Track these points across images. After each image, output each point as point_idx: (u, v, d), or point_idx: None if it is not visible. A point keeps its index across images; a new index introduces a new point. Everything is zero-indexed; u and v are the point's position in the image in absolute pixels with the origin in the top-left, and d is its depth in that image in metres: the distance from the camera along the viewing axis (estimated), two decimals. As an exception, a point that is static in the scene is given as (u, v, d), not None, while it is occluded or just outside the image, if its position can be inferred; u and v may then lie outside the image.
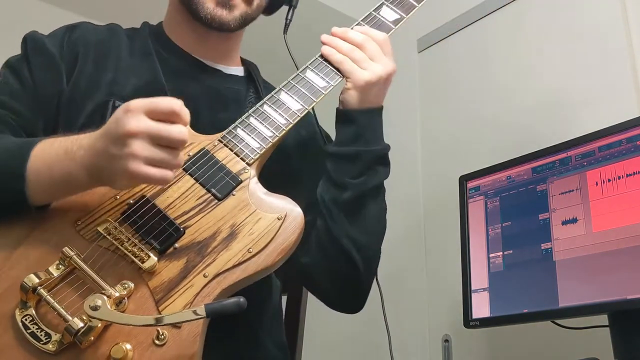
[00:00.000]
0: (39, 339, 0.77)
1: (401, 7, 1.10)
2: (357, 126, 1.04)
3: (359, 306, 1.11)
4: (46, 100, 1.03)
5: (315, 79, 1.02)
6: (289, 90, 1.01)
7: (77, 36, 1.10)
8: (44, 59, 1.05)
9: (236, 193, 0.91)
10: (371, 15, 1.08)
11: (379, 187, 1.07)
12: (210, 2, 1.08)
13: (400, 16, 1.09)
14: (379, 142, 1.06)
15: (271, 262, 0.86)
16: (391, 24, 1.08)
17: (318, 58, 1.05)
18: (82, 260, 0.82)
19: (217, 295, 0.83)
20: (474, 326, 1.44)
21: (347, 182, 1.03)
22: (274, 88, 1.19)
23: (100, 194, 0.88)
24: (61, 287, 0.81)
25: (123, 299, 0.80)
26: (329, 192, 1.04)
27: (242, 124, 0.97)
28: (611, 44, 1.69)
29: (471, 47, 2.10)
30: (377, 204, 1.07)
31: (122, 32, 1.15)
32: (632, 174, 1.26)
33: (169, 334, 0.79)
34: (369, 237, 1.06)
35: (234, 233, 0.87)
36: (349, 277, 1.05)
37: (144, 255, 0.83)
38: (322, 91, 1.01)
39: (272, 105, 0.99)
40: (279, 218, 0.89)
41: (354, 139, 1.04)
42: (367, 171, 1.04)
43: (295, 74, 1.02)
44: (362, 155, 1.04)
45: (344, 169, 1.04)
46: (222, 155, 0.94)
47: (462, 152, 2.00)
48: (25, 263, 0.83)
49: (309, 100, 1.00)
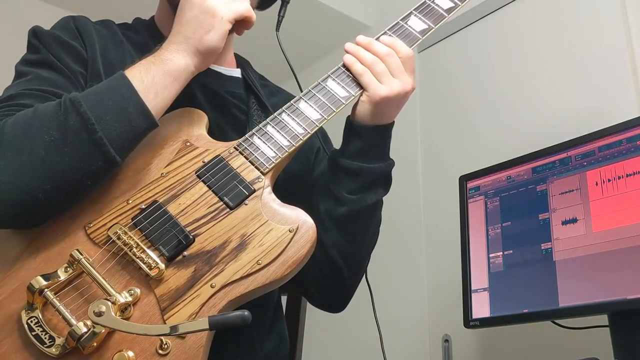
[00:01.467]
0: (42, 341, 0.77)
1: (430, 17, 1.05)
2: (364, 142, 1.02)
3: (341, 307, 1.11)
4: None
5: (336, 88, 0.99)
6: (309, 99, 0.98)
7: (83, 29, 1.05)
8: (69, 50, 1.00)
9: (248, 202, 0.89)
10: (398, 25, 1.04)
11: (376, 204, 1.05)
12: None
13: (428, 26, 1.04)
14: (383, 159, 1.04)
15: (280, 275, 0.84)
16: (418, 34, 1.04)
17: (340, 67, 1.01)
18: (90, 264, 0.81)
19: (223, 307, 0.82)
20: (474, 326, 1.45)
21: (345, 197, 1.01)
22: (270, 83, 1.17)
23: (111, 198, 0.88)
24: (68, 290, 0.81)
25: (128, 305, 0.80)
26: (325, 203, 1.02)
27: (259, 132, 0.95)
28: (611, 44, 1.69)
29: (471, 47, 2.10)
30: (373, 219, 1.06)
31: (117, 29, 1.12)
32: (632, 174, 1.26)
33: (173, 343, 0.78)
34: (358, 249, 1.05)
35: (244, 243, 0.86)
36: (333, 281, 1.05)
37: (152, 262, 0.83)
38: (343, 101, 0.98)
39: (291, 114, 0.96)
40: (290, 230, 0.87)
41: (359, 154, 1.02)
42: (367, 188, 1.02)
43: (316, 82, 0.99)
44: (364, 172, 1.02)
45: (343, 182, 1.02)
46: (237, 163, 0.92)
47: (462, 152, 2.00)
48: (34, 264, 0.82)
49: (329, 110, 0.97)
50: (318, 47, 2.53)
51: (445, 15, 1.06)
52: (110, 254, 0.84)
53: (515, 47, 1.95)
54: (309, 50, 2.46)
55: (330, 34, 2.49)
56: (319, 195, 1.04)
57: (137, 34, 1.12)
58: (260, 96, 1.14)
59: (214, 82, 1.11)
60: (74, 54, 1.01)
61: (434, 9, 1.06)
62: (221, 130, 1.04)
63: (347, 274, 1.05)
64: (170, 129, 0.95)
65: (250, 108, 1.11)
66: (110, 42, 1.06)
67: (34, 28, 1.04)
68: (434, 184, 2.09)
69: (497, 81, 1.98)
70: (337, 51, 2.59)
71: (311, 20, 2.39)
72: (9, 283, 0.81)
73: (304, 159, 1.14)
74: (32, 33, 1.03)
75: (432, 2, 1.07)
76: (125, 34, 1.11)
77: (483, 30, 2.08)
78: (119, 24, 1.14)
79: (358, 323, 1.96)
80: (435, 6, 1.06)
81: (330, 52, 2.57)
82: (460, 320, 1.47)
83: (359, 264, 1.08)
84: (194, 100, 1.05)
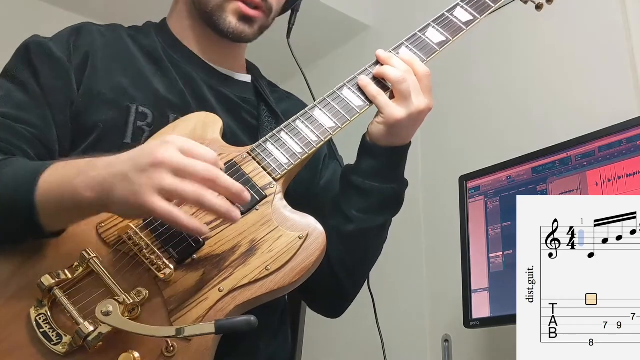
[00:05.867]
0: (50, 339, 0.78)
1: (448, 29, 1.03)
2: (377, 162, 1.00)
3: (339, 314, 1.12)
4: (59, 108, 0.98)
5: (351, 97, 0.98)
6: (324, 107, 0.97)
7: (83, 38, 1.05)
8: (53, 65, 1.00)
9: (260, 208, 0.89)
10: (416, 36, 1.02)
11: (384, 224, 1.04)
12: (233, 17, 1.06)
13: (446, 38, 1.03)
14: (396, 180, 1.02)
15: (289, 281, 0.84)
16: (436, 46, 1.02)
17: (357, 76, 1.00)
18: (100, 264, 0.82)
19: (231, 311, 0.81)
20: (474, 326, 1.45)
21: (353, 216, 1.00)
22: (279, 89, 1.16)
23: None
24: (78, 288, 0.82)
25: (136, 306, 0.80)
26: (333, 219, 1.01)
27: (273, 138, 0.95)
28: (611, 44, 1.69)
29: (471, 47, 2.10)
30: (379, 239, 1.05)
31: (125, 33, 1.11)
32: (632, 174, 1.27)
33: (179, 346, 0.78)
34: (362, 265, 1.06)
35: (253, 249, 0.85)
36: (334, 291, 1.06)
37: (161, 263, 0.83)
38: (358, 110, 0.97)
39: (305, 121, 0.96)
40: (300, 237, 0.86)
41: (372, 173, 1.00)
42: (377, 208, 1.01)
43: (331, 91, 0.99)
44: (375, 193, 1.00)
45: (353, 200, 1.01)
46: (249, 168, 0.92)
47: (462, 152, 2.01)
48: (45, 262, 0.83)
49: (343, 118, 0.96)
50: (318, 47, 2.53)
51: (464, 28, 1.04)
52: (121, 254, 0.84)
53: (515, 46, 1.95)
54: (309, 50, 2.45)
55: (330, 34, 2.50)
56: (329, 210, 1.03)
57: (145, 37, 1.12)
58: (270, 103, 1.14)
59: (226, 87, 1.11)
60: (58, 67, 1.00)
61: (452, 22, 1.04)
62: (234, 134, 1.04)
63: (348, 285, 1.05)
64: (185, 132, 0.95)
65: (260, 114, 1.11)
66: (112, 47, 1.06)
67: (29, 39, 1.03)
68: (434, 184, 2.09)
69: (497, 81, 1.98)
70: (336, 51, 2.60)
71: (311, 20, 2.39)
72: (19, 280, 0.82)
73: (313, 167, 1.13)
74: (24, 45, 1.02)
75: (450, 14, 1.05)
76: (133, 37, 1.11)
77: (483, 31, 2.08)
78: (128, 27, 1.14)
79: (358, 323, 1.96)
80: (454, 18, 1.04)
81: (330, 52, 2.57)
82: (460, 320, 1.48)
83: (361, 277, 1.08)
84: (206, 103, 1.06)
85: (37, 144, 0.95)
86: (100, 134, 0.98)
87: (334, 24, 2.45)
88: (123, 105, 1.00)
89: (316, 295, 1.08)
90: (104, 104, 0.99)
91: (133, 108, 1.00)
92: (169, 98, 1.03)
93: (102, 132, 0.98)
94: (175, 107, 1.03)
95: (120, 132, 0.98)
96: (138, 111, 1.00)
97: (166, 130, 0.96)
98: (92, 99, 1.00)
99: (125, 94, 1.01)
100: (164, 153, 0.75)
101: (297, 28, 1.22)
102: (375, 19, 2.48)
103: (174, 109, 1.02)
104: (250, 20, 1.07)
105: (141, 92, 1.02)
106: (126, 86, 1.02)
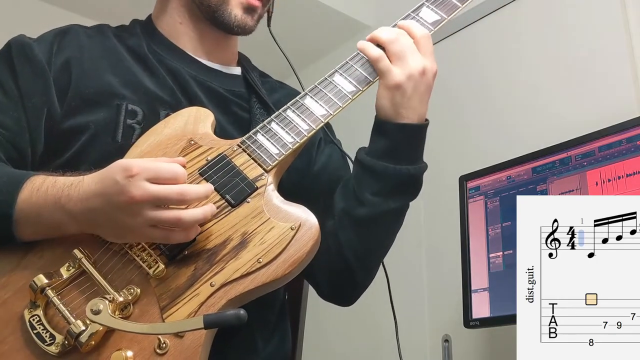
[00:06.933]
0: (43, 339, 0.79)
1: (443, 8, 0.99)
2: (390, 141, 0.96)
3: (350, 302, 1.10)
4: (34, 112, 0.97)
5: (343, 82, 0.95)
6: (315, 95, 0.94)
7: (68, 40, 1.04)
8: (31, 66, 0.99)
9: (251, 200, 0.88)
10: (409, 17, 0.99)
11: (401, 209, 1.00)
12: (238, 9, 1.05)
13: (440, 17, 0.98)
14: (412, 161, 0.98)
15: (281, 273, 0.82)
16: (430, 26, 0.98)
17: (348, 62, 0.97)
18: (92, 263, 0.82)
19: (223, 306, 0.81)
20: (474, 326, 1.45)
21: (366, 199, 0.96)
22: (271, 79, 1.16)
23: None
24: (70, 288, 0.82)
25: (128, 304, 0.80)
26: (345, 201, 0.99)
27: (263, 129, 0.93)
28: (611, 44, 1.69)
29: (471, 47, 2.10)
30: (394, 225, 1.01)
31: (110, 32, 1.10)
32: (632, 174, 1.26)
33: (171, 343, 0.78)
34: (374, 252, 1.03)
35: (245, 242, 0.84)
36: (345, 278, 1.04)
37: (152, 260, 0.83)
38: (350, 96, 0.94)
39: (296, 110, 0.94)
40: (292, 228, 0.84)
41: (384, 153, 0.96)
42: (392, 191, 0.97)
43: (322, 77, 0.96)
44: (389, 173, 0.96)
45: (366, 182, 0.97)
46: (240, 161, 0.91)
47: (462, 152, 2.00)
48: (39, 263, 0.84)
49: (335, 105, 0.93)
50: (318, 47, 2.52)
51: (459, 5, 1.00)
52: (112, 253, 0.84)
53: (515, 46, 1.95)
54: (309, 50, 2.45)
55: (330, 34, 2.49)
56: (340, 192, 1.01)
57: (131, 35, 1.10)
58: (262, 94, 1.12)
59: (214, 80, 1.09)
60: (37, 69, 0.99)
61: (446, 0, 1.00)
62: (223, 129, 1.03)
63: (358, 270, 1.02)
64: (176, 127, 0.95)
65: (252, 106, 1.09)
66: (99, 48, 1.06)
67: (14, 39, 1.03)
68: (434, 184, 2.09)
69: (497, 81, 1.97)
70: (336, 51, 2.59)
71: (311, 20, 2.39)
72: (14, 282, 0.83)
73: (307, 155, 1.11)
74: (7, 44, 1.02)
75: None
76: (119, 37, 1.10)
77: (483, 30, 2.07)
78: (115, 27, 1.13)
79: (358, 323, 1.96)
80: None
81: (330, 52, 2.57)
82: (460, 320, 1.47)
83: (373, 263, 1.05)
84: (195, 99, 1.04)
85: (9, 147, 0.95)
86: (91, 134, 0.97)
87: (334, 24, 2.45)
88: (113, 104, 0.99)
89: (327, 282, 1.06)
90: (94, 104, 0.99)
91: (123, 106, 0.99)
92: (159, 94, 1.02)
93: (94, 132, 0.97)
94: (165, 103, 1.02)
95: (111, 131, 0.98)
96: (127, 109, 0.99)
97: (158, 127, 0.95)
98: (82, 100, 0.99)
99: (114, 93, 1.00)
100: (137, 191, 0.77)
101: (297, 28, 1.21)
102: (375, 19, 2.46)
103: (165, 105, 1.01)
104: (253, 11, 1.06)
105: (130, 90, 1.01)
106: (115, 85, 1.01)
